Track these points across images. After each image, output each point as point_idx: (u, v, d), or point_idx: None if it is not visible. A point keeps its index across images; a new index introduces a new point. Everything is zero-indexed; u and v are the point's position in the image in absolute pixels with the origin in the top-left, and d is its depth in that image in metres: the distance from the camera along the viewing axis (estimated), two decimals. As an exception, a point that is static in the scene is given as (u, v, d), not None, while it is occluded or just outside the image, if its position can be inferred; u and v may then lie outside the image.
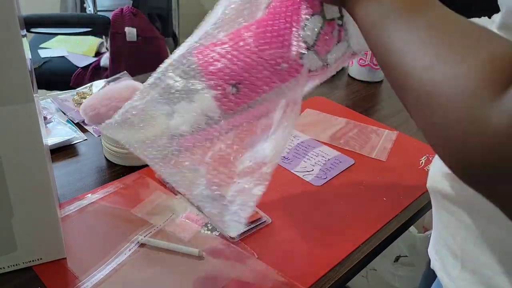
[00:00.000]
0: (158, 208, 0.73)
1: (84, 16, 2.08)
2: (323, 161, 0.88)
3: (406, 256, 1.35)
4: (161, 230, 0.69)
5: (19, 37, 0.49)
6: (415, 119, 0.36)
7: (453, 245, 0.54)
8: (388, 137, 0.98)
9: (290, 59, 0.55)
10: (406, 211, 0.77)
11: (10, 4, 0.47)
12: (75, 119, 0.95)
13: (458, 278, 0.53)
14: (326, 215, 0.75)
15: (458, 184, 0.51)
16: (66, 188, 0.77)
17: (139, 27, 1.75)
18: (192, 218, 0.71)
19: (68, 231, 0.68)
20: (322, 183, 0.82)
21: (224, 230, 0.61)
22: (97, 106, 0.82)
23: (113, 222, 0.70)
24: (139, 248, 0.66)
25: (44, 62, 1.86)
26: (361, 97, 1.15)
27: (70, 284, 0.60)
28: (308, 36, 0.54)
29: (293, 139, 0.94)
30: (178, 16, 2.61)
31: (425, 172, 0.86)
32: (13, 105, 0.52)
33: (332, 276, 0.64)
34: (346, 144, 0.94)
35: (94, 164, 0.83)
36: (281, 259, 0.66)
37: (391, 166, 0.88)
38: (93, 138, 0.91)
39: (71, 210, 0.71)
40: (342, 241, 0.70)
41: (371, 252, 0.69)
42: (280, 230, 0.71)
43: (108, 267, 0.62)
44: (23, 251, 0.61)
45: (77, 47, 1.96)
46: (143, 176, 0.80)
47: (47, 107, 0.99)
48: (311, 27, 0.54)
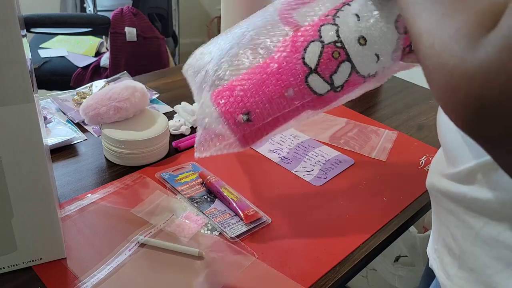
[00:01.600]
0: (158, 208, 0.73)
1: (84, 16, 2.08)
2: (323, 161, 0.88)
3: (406, 256, 1.35)
4: (161, 230, 0.69)
5: (19, 37, 0.49)
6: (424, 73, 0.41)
7: (451, 244, 0.54)
8: (388, 137, 0.98)
9: (295, 85, 0.60)
10: (406, 211, 0.77)
11: (10, 4, 0.47)
12: (75, 119, 0.95)
13: (456, 276, 0.53)
14: (326, 215, 0.75)
15: (457, 183, 0.51)
16: (66, 188, 0.77)
17: (139, 27, 1.75)
18: (192, 218, 0.71)
19: (68, 231, 0.68)
20: (322, 183, 0.82)
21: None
22: (97, 106, 0.82)
23: (113, 222, 0.70)
24: (139, 248, 0.66)
25: (44, 62, 1.86)
26: (361, 97, 1.15)
27: (70, 284, 0.60)
28: (310, 60, 0.59)
29: (293, 139, 0.94)
30: (178, 16, 2.61)
31: (425, 172, 0.86)
32: (13, 105, 0.52)
33: (332, 276, 0.64)
34: (346, 144, 0.94)
35: (94, 164, 0.83)
36: (281, 259, 0.66)
37: (391, 166, 0.88)
38: (93, 138, 0.91)
39: (71, 210, 0.71)
40: (342, 241, 0.70)
41: (371, 252, 0.69)
42: (280, 230, 0.71)
43: (108, 267, 0.62)
44: (23, 251, 0.61)
45: (77, 47, 1.96)
46: (143, 176, 0.80)
47: (47, 107, 0.99)
48: (311, 50, 0.59)
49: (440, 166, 0.56)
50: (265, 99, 0.61)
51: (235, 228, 0.70)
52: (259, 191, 0.79)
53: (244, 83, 0.62)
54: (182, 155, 0.87)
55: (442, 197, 0.55)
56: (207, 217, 0.72)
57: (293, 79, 0.60)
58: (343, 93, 0.62)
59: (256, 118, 0.62)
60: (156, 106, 1.04)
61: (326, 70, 0.59)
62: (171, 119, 0.95)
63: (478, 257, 0.50)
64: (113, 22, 1.73)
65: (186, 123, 0.95)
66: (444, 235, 0.56)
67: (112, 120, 0.83)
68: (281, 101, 0.61)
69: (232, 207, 0.73)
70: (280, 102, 0.61)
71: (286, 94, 0.61)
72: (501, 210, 0.46)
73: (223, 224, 0.70)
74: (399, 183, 0.84)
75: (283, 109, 0.62)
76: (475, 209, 0.49)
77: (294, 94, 0.61)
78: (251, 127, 0.62)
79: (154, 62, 1.83)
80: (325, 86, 0.60)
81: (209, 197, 0.76)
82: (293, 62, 0.60)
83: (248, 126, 0.62)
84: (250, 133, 0.63)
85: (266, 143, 0.92)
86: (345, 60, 0.59)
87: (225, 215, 0.72)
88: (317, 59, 0.59)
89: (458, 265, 0.53)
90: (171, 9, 2.14)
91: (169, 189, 0.78)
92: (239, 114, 0.61)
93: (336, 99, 0.64)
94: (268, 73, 0.61)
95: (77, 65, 1.85)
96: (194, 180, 0.79)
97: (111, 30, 1.73)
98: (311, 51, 0.59)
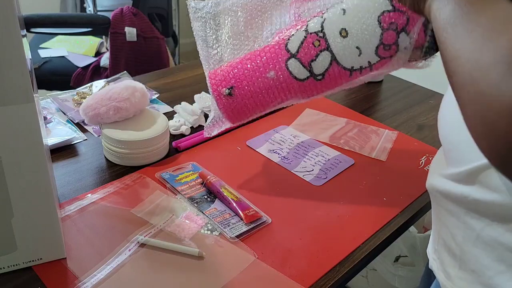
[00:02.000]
0: (158, 208, 0.73)
1: (84, 16, 2.08)
2: (323, 161, 0.88)
3: (406, 256, 1.35)
4: (161, 230, 0.69)
5: (19, 37, 0.49)
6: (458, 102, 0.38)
7: (452, 245, 0.54)
8: (388, 137, 0.98)
9: (276, 67, 0.65)
10: (406, 211, 0.77)
11: (10, 4, 0.47)
12: (75, 119, 0.95)
13: (456, 277, 0.53)
14: (326, 215, 0.75)
15: (457, 184, 0.51)
16: (66, 188, 0.77)
17: (139, 27, 1.75)
18: (192, 218, 0.71)
19: (68, 231, 0.68)
20: (322, 183, 0.82)
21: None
22: (97, 106, 0.82)
23: (113, 222, 0.70)
24: (139, 248, 0.66)
25: (44, 62, 1.86)
26: (361, 97, 1.15)
27: (70, 284, 0.60)
28: (292, 46, 0.64)
29: (293, 139, 0.94)
30: (178, 16, 2.61)
31: (425, 172, 0.86)
32: (13, 105, 0.52)
33: (332, 276, 0.64)
34: (346, 144, 0.94)
35: (94, 164, 0.83)
36: (281, 259, 0.66)
37: (391, 166, 0.88)
38: (93, 138, 0.91)
39: (71, 210, 0.71)
40: (342, 241, 0.70)
41: (371, 252, 0.69)
42: (280, 230, 0.71)
43: (108, 267, 0.62)
44: (23, 251, 0.61)
45: (77, 47, 1.96)
46: (143, 176, 0.80)
47: (47, 107, 0.99)
48: (295, 38, 0.64)
49: (440, 166, 0.56)
50: (248, 76, 0.67)
51: (235, 228, 0.70)
52: (259, 191, 0.79)
53: (234, 61, 0.68)
54: (182, 155, 0.87)
55: (442, 198, 0.55)
56: (207, 217, 0.72)
57: (275, 61, 0.66)
58: (325, 83, 0.66)
59: (238, 94, 0.68)
60: (156, 106, 1.04)
61: (305, 56, 0.64)
62: (171, 119, 0.95)
63: (479, 258, 0.50)
64: (113, 22, 1.73)
65: (186, 123, 0.95)
66: (445, 236, 0.56)
67: (112, 120, 0.83)
68: (263, 80, 0.67)
69: (232, 207, 0.73)
70: (262, 81, 0.67)
71: (268, 76, 0.66)
72: (503, 212, 0.46)
73: (223, 224, 0.70)
74: (399, 183, 0.84)
75: (264, 88, 0.67)
76: (476, 211, 0.49)
77: (275, 76, 0.66)
78: (234, 101, 0.68)
79: (154, 62, 1.83)
80: (305, 72, 0.65)
81: (209, 197, 0.76)
82: (278, 48, 0.65)
83: (231, 99, 0.68)
84: (235, 107, 0.69)
85: (266, 143, 0.92)
86: (325, 49, 0.63)
87: (225, 215, 0.72)
88: (298, 46, 0.64)
89: (458, 266, 0.53)
90: (171, 9, 2.14)
91: (169, 189, 0.78)
92: (223, 87, 0.68)
93: (319, 88, 0.67)
94: (254, 54, 0.67)
95: (77, 65, 1.85)
96: (194, 180, 0.79)
97: (111, 30, 1.73)
98: (295, 39, 0.64)
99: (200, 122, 0.97)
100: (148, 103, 0.90)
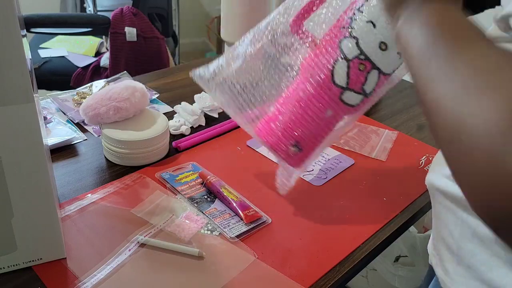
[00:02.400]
0: (158, 208, 0.73)
1: (84, 16, 2.08)
2: (323, 161, 0.88)
3: (406, 256, 1.35)
4: (161, 230, 0.69)
5: (19, 37, 0.49)
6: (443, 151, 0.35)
7: (450, 241, 0.54)
8: (388, 137, 0.98)
9: (332, 106, 0.64)
10: (406, 211, 0.77)
11: (10, 4, 0.47)
12: (75, 119, 0.95)
13: (454, 273, 0.54)
14: (326, 215, 0.75)
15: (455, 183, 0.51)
16: (66, 188, 0.77)
17: (139, 27, 1.75)
18: (192, 218, 0.71)
19: (68, 231, 0.68)
20: (322, 183, 0.82)
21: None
22: (97, 106, 0.82)
23: (113, 222, 0.70)
24: (139, 248, 0.66)
25: (44, 62, 1.86)
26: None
27: (70, 284, 0.60)
28: (340, 80, 0.62)
29: (293, 139, 0.94)
30: (178, 16, 2.61)
31: (425, 172, 0.86)
32: (13, 105, 0.52)
33: (332, 276, 0.64)
34: (346, 144, 0.94)
35: (94, 164, 0.83)
36: (281, 259, 0.66)
37: (391, 166, 0.88)
38: (93, 138, 0.91)
39: (71, 210, 0.71)
40: (342, 241, 0.70)
41: (371, 252, 0.69)
42: (280, 230, 0.71)
43: (108, 267, 0.62)
44: (23, 251, 0.61)
45: (77, 47, 1.96)
46: (143, 176, 0.80)
47: (47, 107, 0.99)
48: (339, 70, 0.62)
49: (440, 165, 0.56)
50: (309, 127, 0.66)
51: (235, 228, 0.70)
52: (259, 191, 0.79)
53: (284, 113, 0.66)
54: (182, 155, 0.87)
55: (440, 195, 0.56)
56: (207, 217, 0.72)
57: (329, 101, 0.64)
58: (375, 96, 0.66)
59: (305, 146, 0.67)
60: (156, 106, 1.04)
61: (356, 84, 0.63)
62: (171, 119, 0.95)
63: (475, 254, 0.50)
64: (113, 22, 1.73)
65: (186, 123, 0.95)
66: (443, 232, 0.56)
67: (112, 120, 0.83)
68: (323, 123, 0.66)
69: (232, 207, 0.73)
70: (322, 124, 0.66)
71: (326, 115, 0.65)
72: None
73: (223, 224, 0.70)
74: (399, 183, 0.84)
75: (325, 129, 0.67)
76: None
77: (332, 113, 0.65)
78: (303, 154, 0.68)
79: (154, 62, 1.83)
80: (359, 97, 0.64)
81: (209, 197, 0.76)
82: (326, 86, 0.63)
83: (301, 154, 0.68)
84: (305, 156, 0.69)
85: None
86: (372, 69, 0.62)
87: (225, 215, 0.72)
88: (346, 77, 0.62)
89: (456, 261, 0.54)
90: (171, 9, 2.14)
91: (169, 189, 0.78)
92: (289, 146, 0.67)
93: (368, 101, 0.67)
94: (305, 101, 0.65)
95: (77, 65, 1.85)
96: (194, 180, 0.79)
97: (111, 30, 1.73)
98: (339, 71, 0.62)
99: (200, 122, 0.97)
100: (148, 103, 0.90)
